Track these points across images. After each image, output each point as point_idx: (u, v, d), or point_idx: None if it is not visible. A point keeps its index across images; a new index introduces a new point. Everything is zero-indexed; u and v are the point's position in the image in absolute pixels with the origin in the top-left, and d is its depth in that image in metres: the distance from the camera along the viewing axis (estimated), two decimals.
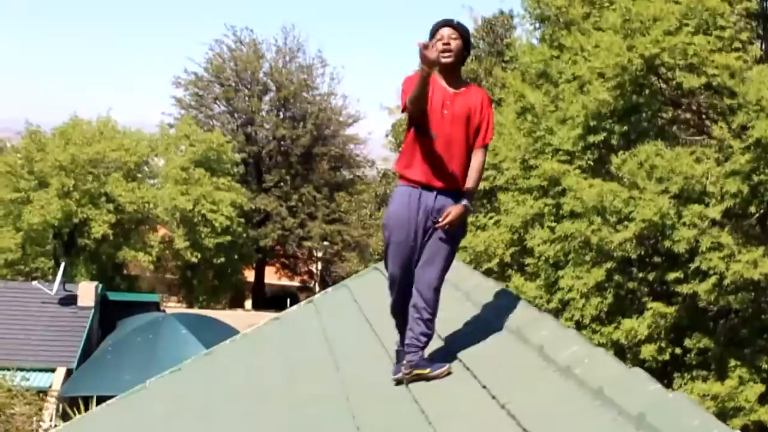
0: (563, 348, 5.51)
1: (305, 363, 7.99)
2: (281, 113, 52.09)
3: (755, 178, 12.96)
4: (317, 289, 56.46)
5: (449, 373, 5.80)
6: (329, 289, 10.90)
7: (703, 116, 16.17)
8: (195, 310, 40.27)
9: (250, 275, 51.64)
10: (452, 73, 5.68)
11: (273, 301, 51.99)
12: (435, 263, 5.74)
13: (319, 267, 55.06)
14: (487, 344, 6.13)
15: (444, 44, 5.52)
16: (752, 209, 13.31)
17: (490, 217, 17.79)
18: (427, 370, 5.83)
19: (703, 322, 14.77)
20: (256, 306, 50.90)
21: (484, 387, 5.50)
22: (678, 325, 14.49)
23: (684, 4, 14.11)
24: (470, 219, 18.37)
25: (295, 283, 56.32)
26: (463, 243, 16.05)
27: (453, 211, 5.61)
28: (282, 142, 51.23)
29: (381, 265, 10.32)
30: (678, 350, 14.55)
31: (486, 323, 6.55)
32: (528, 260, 15.77)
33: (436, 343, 6.23)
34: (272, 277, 54.53)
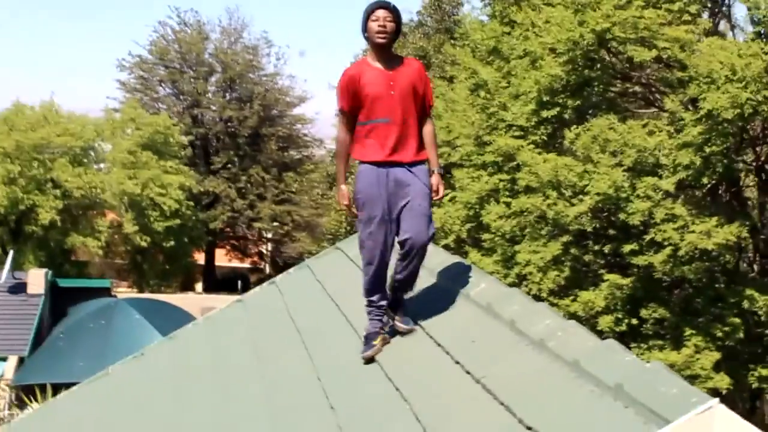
0: (535, 322, 5.54)
1: (273, 344, 7.98)
2: (227, 94, 51.72)
3: (707, 150, 13.12)
4: (268, 270, 56.33)
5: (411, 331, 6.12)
6: (290, 270, 10.87)
7: (653, 89, 16.33)
8: (146, 295, 39.99)
9: (200, 258, 51.37)
10: (387, 52, 5.85)
11: (224, 283, 51.80)
12: (426, 220, 5.93)
13: (270, 248, 54.85)
14: (457, 320, 6.15)
15: (380, 26, 5.71)
16: (704, 180, 13.48)
17: (446, 194, 17.81)
18: (399, 322, 6.20)
19: (658, 293, 14.96)
20: (207, 289, 50.67)
21: (457, 363, 5.53)
22: (634, 296, 14.67)
23: None
24: None
25: (246, 264, 56.10)
26: None
27: (440, 185, 5.94)
28: (229, 124, 50.86)
29: (343, 244, 10.32)
30: (634, 321, 14.74)
31: (454, 299, 6.57)
32: (485, 236, 15.85)
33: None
34: (222, 259, 54.27)
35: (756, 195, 15.26)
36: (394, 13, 5.79)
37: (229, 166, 50.27)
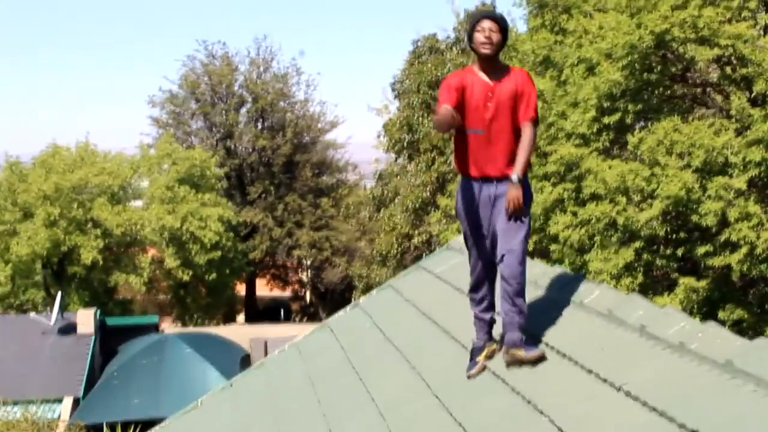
0: (668, 325, 5.39)
1: (374, 365, 7.83)
2: (259, 124, 51.90)
3: None
4: (308, 297, 56.29)
5: (543, 357, 5.80)
6: (373, 292, 10.77)
7: (711, 89, 16.17)
8: (191, 329, 39.96)
9: (241, 289, 51.37)
10: (492, 63, 5.72)
11: (265, 313, 51.80)
12: (512, 236, 5.77)
13: (310, 275, 54.81)
14: (578, 330, 6.00)
15: (486, 37, 5.60)
16: None
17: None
18: (521, 352, 5.83)
19: (734, 294, 14.75)
20: (249, 319, 50.66)
21: (590, 371, 5.37)
22: (710, 299, 14.46)
23: None
24: None
25: (287, 293, 56.08)
26: None
27: (510, 198, 5.67)
28: (263, 153, 51.01)
29: (426, 263, 10.22)
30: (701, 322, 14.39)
31: (567, 308, 6.43)
32: (552, 246, 15.69)
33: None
34: (263, 289, 54.29)
35: None
36: (501, 23, 5.70)
37: (265, 195, 50.34)
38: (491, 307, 6.24)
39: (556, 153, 15.72)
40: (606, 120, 15.22)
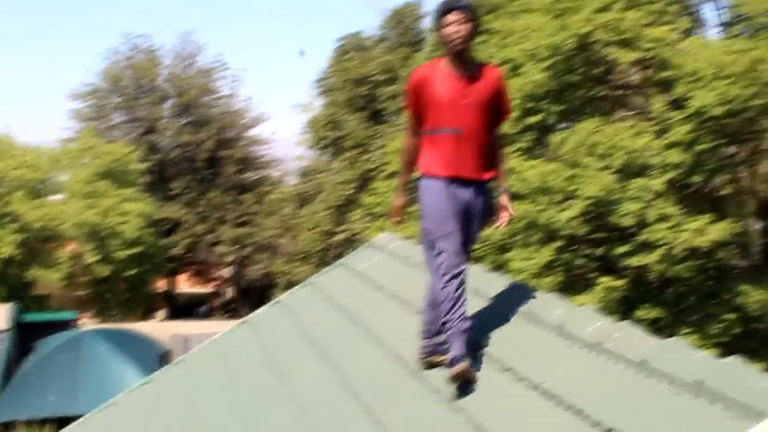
0: (585, 325, 5.43)
1: (293, 362, 7.77)
2: (183, 119, 51.35)
3: (696, 148, 13.16)
4: (229, 293, 55.98)
5: (465, 372, 5.35)
6: (294, 289, 10.70)
7: (631, 92, 16.40)
8: (110, 324, 39.38)
9: (162, 285, 50.85)
10: (464, 58, 5.29)
11: (186, 309, 51.37)
12: (474, 243, 5.64)
13: (232, 271, 54.47)
14: (497, 328, 6.00)
15: (454, 31, 5.16)
16: (695, 178, 13.51)
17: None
18: (442, 358, 5.58)
19: (651, 293, 14.97)
20: (170, 315, 50.14)
21: (508, 370, 5.38)
22: (628, 298, 14.67)
23: None
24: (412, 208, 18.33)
25: (208, 289, 55.68)
26: (407, 233, 16.04)
27: (505, 209, 5.57)
28: (186, 148, 50.42)
29: (348, 260, 10.16)
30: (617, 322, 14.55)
31: (486, 307, 6.43)
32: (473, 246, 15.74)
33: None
34: (184, 285, 53.83)
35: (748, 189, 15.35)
36: (468, 11, 5.24)
37: (188, 190, 49.84)
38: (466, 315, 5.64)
39: None
40: (529, 120, 15.34)
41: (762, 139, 13.67)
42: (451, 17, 5.17)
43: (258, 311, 10.66)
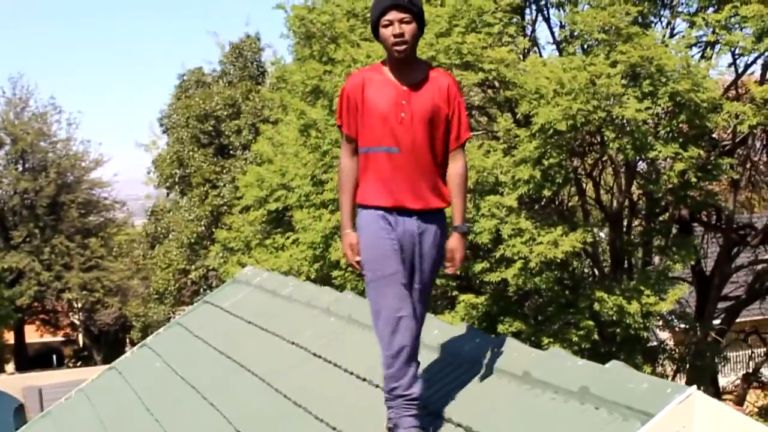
0: (463, 342, 5.54)
1: (170, 404, 7.65)
2: (20, 166, 49.86)
3: (545, 163, 13.50)
4: (81, 340, 54.54)
5: None
6: (160, 331, 10.55)
7: (477, 111, 16.73)
8: None
9: (9, 337, 49.19)
10: (406, 62, 4.53)
11: (37, 359, 49.91)
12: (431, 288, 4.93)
13: (82, 317, 53.12)
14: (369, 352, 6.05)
15: (396, 33, 4.42)
16: (545, 192, 13.85)
17: (287, 237, 17.68)
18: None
19: (511, 307, 15.27)
20: (20, 368, 48.54)
21: (377, 386, 5.43)
22: (489, 313, 14.91)
23: (451, 6, 14.51)
24: (267, 242, 18.25)
25: (59, 338, 54.16)
26: (266, 266, 15.98)
27: (459, 251, 4.67)
28: (25, 196, 49.02)
29: (212, 297, 10.08)
30: (494, 337, 14.79)
31: (359, 332, 6.49)
32: (334, 273, 15.77)
33: None
34: (33, 335, 52.21)
35: (592, 199, 15.88)
36: (411, 9, 4.47)
37: (30, 238, 48.41)
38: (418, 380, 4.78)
39: (332, 181, 15.84)
40: None
41: (604, 151, 14.15)
42: (393, 15, 4.44)
43: (124, 356, 10.47)
